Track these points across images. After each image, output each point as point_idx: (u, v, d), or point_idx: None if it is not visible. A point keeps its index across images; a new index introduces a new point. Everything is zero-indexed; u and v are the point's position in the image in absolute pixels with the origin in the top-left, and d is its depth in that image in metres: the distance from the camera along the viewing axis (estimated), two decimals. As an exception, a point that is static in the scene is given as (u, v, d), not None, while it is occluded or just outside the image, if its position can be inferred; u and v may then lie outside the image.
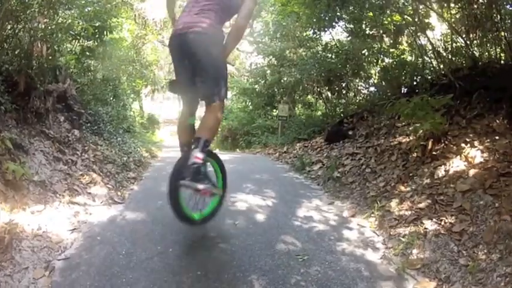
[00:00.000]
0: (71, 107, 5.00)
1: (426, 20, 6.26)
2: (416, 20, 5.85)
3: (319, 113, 11.47)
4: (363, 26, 7.53)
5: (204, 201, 2.64)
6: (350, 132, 6.65)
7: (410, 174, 3.63)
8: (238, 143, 13.43)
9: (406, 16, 6.17)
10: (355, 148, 5.56)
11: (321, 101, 11.01)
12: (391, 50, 7.33)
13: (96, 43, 5.67)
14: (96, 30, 5.42)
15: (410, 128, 4.31)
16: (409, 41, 7.08)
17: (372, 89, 8.60)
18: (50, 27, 4.07)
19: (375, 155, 4.69)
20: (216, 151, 11.82)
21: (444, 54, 5.55)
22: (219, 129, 15.56)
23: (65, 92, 4.94)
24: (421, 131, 3.78)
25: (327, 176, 4.76)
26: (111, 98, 6.80)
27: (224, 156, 7.63)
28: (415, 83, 6.14)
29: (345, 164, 5.01)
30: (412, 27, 6.19)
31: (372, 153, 4.80)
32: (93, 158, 4.49)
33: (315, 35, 9.16)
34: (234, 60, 18.24)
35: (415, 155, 3.85)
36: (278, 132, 10.68)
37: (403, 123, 4.79)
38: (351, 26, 7.75)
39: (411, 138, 4.20)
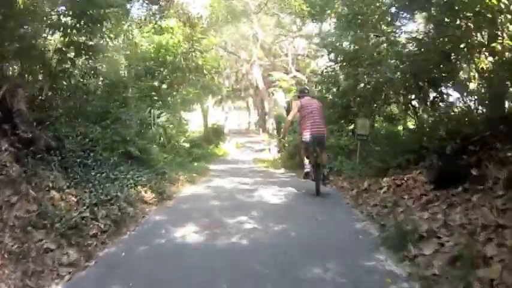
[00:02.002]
0: (16, 129, 3.25)
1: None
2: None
3: (402, 127, 8.43)
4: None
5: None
6: (473, 172, 3.88)
7: None
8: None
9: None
10: (495, 212, 2.91)
11: (407, 112, 7.89)
12: (492, 44, 4.67)
13: (85, 37, 3.94)
14: (77, 20, 3.70)
15: None
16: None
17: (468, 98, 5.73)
18: None
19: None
20: (281, 170, 9.86)
21: None
22: (287, 145, 13.27)
23: (8, 107, 3.20)
24: None
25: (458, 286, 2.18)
26: (111, 111, 4.85)
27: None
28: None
29: (489, 257, 2.37)
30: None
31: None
32: (14, 219, 2.59)
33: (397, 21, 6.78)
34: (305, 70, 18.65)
35: None
36: (356, 156, 7.62)
37: None
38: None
39: None
